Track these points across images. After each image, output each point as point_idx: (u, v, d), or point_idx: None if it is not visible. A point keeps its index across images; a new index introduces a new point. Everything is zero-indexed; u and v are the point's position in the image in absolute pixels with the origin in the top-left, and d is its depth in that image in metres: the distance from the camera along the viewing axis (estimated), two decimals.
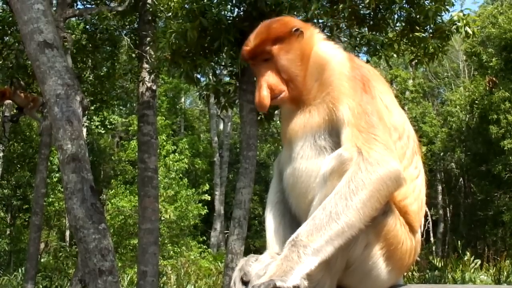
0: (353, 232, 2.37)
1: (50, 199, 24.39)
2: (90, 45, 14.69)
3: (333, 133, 2.58)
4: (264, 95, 2.69)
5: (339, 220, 2.34)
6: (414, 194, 2.67)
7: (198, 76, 10.48)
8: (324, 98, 2.63)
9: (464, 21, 9.34)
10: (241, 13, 9.83)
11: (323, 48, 2.78)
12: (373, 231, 2.49)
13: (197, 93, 11.30)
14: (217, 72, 10.93)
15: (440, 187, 36.45)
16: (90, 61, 15.08)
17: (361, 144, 2.44)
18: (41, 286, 18.92)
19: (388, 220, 2.52)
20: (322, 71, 2.68)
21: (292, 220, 2.83)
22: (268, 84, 2.70)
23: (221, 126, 35.82)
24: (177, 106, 37.86)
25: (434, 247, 32.21)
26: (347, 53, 2.80)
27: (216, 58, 10.13)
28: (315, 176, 2.54)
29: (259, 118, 10.34)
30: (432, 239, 34.04)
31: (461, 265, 17.89)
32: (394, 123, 2.66)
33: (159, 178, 14.15)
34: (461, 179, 36.61)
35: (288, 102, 2.79)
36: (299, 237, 2.36)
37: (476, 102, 29.38)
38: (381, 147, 2.45)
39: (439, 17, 9.53)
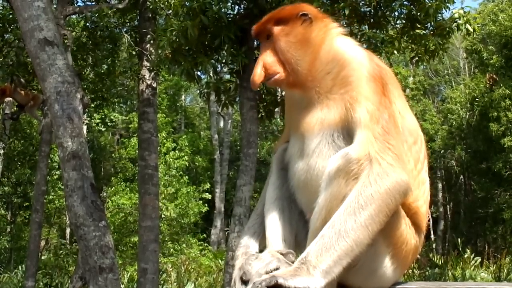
0: (361, 249, 2.36)
1: (51, 197, 24.41)
2: (91, 43, 14.69)
3: (350, 133, 2.53)
4: (257, 73, 2.65)
5: (348, 238, 2.33)
6: (424, 197, 2.68)
7: (199, 73, 10.50)
8: (342, 96, 2.56)
9: (465, 19, 9.34)
10: (242, 10, 9.84)
11: (342, 44, 2.71)
12: (380, 231, 2.47)
13: (198, 91, 11.31)
14: (217, 69, 10.94)
15: (440, 185, 36.45)
16: (90, 58, 15.07)
17: (374, 152, 2.40)
18: (41, 284, 18.91)
19: (394, 219, 2.50)
20: (341, 68, 2.61)
21: (292, 216, 2.80)
22: (264, 63, 2.67)
23: (222, 124, 35.82)
24: (178, 104, 37.85)
25: (434, 245, 32.21)
26: (367, 52, 2.73)
27: (217, 56, 10.14)
28: None
29: (259, 115, 10.34)
30: (432, 236, 34.04)
31: (461, 263, 17.91)
32: (409, 127, 2.65)
33: (159, 176, 14.14)
34: (461, 176, 36.61)
35: (287, 86, 2.74)
36: (308, 257, 2.34)
37: (477, 99, 29.37)
38: (393, 158, 2.42)
39: (439, 15, 9.53)
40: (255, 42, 10.02)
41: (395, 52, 10.27)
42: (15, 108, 14.80)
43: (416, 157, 2.65)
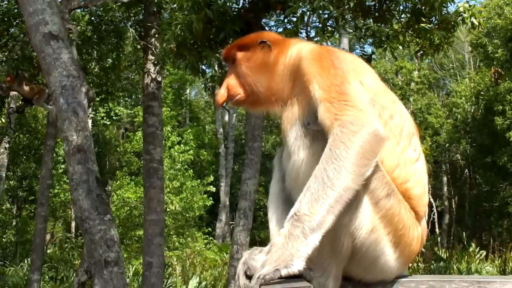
0: (349, 194, 2.39)
1: (56, 190, 24.46)
2: (95, 37, 14.70)
3: (317, 114, 2.62)
4: (220, 93, 2.97)
5: (333, 185, 2.38)
6: (415, 178, 2.66)
7: (203, 67, 10.47)
8: (301, 86, 2.70)
9: (470, 12, 9.28)
10: (247, 4, 9.81)
11: (295, 50, 2.86)
12: (378, 214, 2.49)
13: (202, 85, 11.31)
14: (222, 63, 10.92)
15: (445, 178, 36.46)
16: (95, 52, 15.09)
17: (334, 114, 2.49)
18: (47, 277, 18.98)
19: (392, 203, 2.52)
20: (296, 66, 2.76)
21: None
22: (227, 84, 2.96)
23: (227, 117, 35.84)
24: (182, 98, 37.89)
25: (439, 238, 32.18)
26: (317, 45, 2.90)
27: (222, 49, 10.10)
28: (316, 163, 2.52)
29: None
30: (437, 230, 34.07)
31: (466, 256, 17.89)
32: (382, 102, 2.69)
33: (164, 169, 14.17)
34: (466, 170, 36.59)
35: (248, 106, 3.04)
36: (301, 211, 2.38)
37: (482, 93, 29.34)
38: (352, 110, 2.49)
39: (444, 8, 9.46)
40: None
41: (400, 46, 10.25)
42: (20, 102, 14.83)
43: (398, 132, 2.66)
